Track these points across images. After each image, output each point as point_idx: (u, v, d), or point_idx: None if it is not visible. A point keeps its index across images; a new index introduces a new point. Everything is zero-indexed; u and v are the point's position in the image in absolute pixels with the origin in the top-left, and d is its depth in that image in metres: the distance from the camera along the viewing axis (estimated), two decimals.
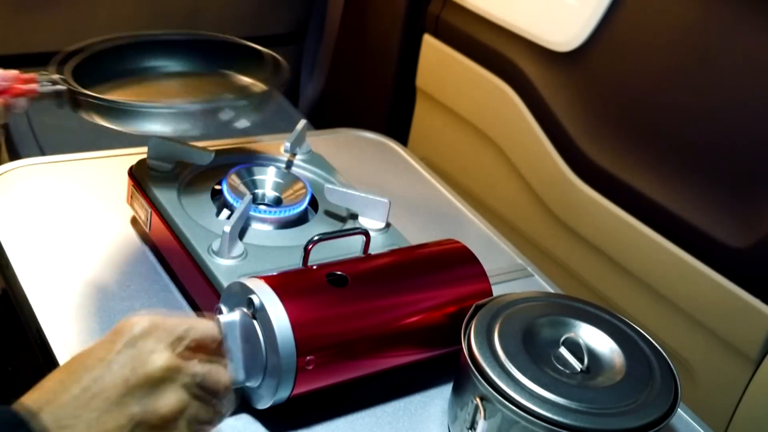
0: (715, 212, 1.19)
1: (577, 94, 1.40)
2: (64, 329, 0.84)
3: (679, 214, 1.23)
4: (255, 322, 0.75)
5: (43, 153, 1.37)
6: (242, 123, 0.94)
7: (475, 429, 0.75)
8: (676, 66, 1.28)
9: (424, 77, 1.71)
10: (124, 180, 0.99)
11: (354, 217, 0.97)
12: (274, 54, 1.02)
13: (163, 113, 0.89)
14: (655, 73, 1.30)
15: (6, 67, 0.90)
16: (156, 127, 0.90)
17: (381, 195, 0.95)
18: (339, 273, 0.81)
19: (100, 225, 1.00)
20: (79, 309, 0.87)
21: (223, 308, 0.78)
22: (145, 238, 0.98)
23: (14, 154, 1.39)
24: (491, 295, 0.87)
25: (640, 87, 1.32)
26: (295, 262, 0.85)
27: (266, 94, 0.98)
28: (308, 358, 0.75)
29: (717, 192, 1.20)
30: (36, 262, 0.93)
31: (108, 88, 0.98)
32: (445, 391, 0.86)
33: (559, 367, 0.78)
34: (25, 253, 0.93)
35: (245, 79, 1.04)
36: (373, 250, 0.89)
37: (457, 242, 0.91)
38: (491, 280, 0.88)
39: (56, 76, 0.92)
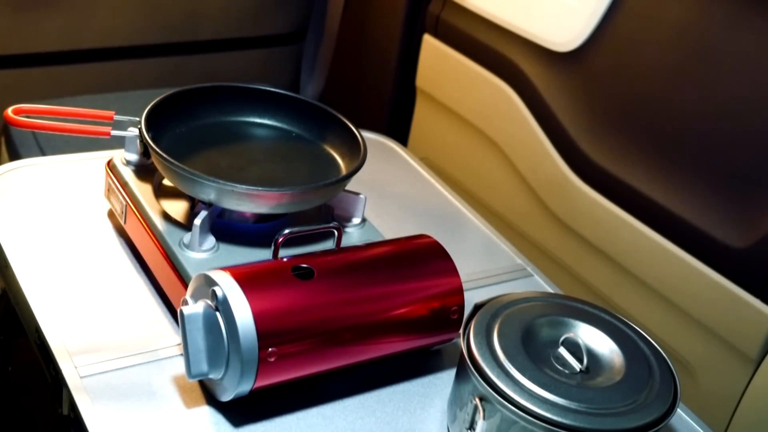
0: (715, 212, 1.19)
1: (577, 94, 1.40)
2: (63, 329, 0.84)
3: (679, 214, 1.22)
4: (218, 314, 0.75)
5: (43, 153, 1.37)
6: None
7: (474, 429, 0.75)
8: (676, 66, 1.28)
9: (424, 77, 1.71)
10: None
11: (331, 212, 0.96)
12: (360, 137, 0.97)
13: (239, 192, 0.85)
14: (655, 73, 1.30)
15: (6, 67, 0.89)
16: (230, 205, 0.87)
17: (379, 194, 0.95)
18: (305, 266, 0.80)
19: (99, 225, 1.00)
20: (79, 309, 0.87)
21: (189, 300, 0.78)
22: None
23: (14, 154, 1.39)
24: (461, 290, 0.86)
25: (640, 87, 1.32)
26: (268, 256, 0.85)
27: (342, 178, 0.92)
28: (270, 350, 0.74)
29: (717, 192, 1.20)
30: (35, 262, 0.93)
31: (187, 139, 0.96)
32: (445, 391, 0.86)
33: (559, 367, 0.78)
34: (25, 253, 0.93)
35: (329, 151, 1.00)
36: (349, 245, 0.89)
37: (429, 237, 0.90)
38: (491, 280, 0.88)
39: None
